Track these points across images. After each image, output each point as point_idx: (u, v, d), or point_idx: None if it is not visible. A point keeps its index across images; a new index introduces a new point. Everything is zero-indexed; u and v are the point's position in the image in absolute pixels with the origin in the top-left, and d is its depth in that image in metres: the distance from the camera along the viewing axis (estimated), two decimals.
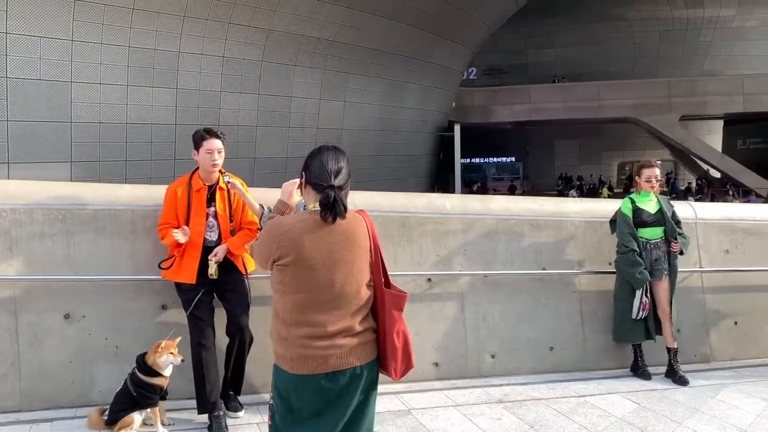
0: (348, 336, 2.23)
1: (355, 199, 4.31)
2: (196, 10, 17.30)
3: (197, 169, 3.78)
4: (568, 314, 5.09)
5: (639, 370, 4.91)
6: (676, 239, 4.85)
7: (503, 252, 4.98)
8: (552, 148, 44.39)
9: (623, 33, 42.12)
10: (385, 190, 5.42)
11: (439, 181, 33.21)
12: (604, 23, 41.09)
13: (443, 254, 4.80)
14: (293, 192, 2.68)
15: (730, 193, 32.45)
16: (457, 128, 32.19)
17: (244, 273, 3.79)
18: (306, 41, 20.96)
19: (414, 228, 4.74)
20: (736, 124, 37.53)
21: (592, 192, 38.34)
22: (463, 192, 33.12)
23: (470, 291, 4.84)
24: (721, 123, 39.82)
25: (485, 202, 5.30)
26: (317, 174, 2.28)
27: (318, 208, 2.24)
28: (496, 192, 33.65)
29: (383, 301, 2.33)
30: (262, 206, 3.53)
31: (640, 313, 4.80)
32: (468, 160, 39.25)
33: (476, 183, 39.84)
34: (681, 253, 4.88)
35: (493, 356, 4.83)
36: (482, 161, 42.72)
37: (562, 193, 36.43)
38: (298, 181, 2.52)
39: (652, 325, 4.88)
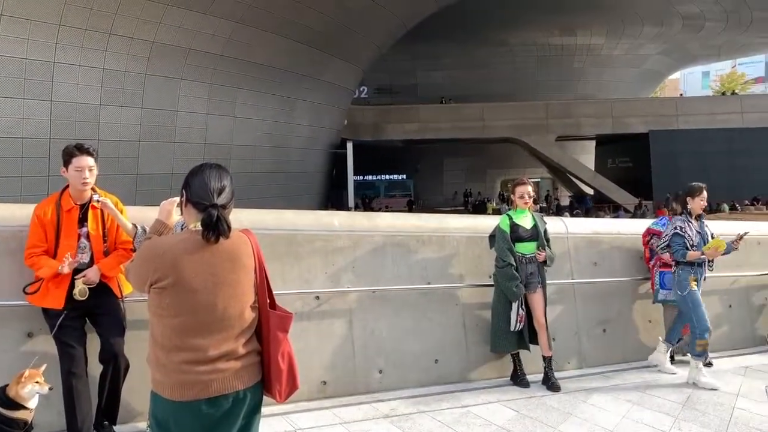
0: (231, 360, 2.17)
1: (241, 217, 4.25)
2: (72, 19, 16.40)
3: (67, 186, 3.58)
4: (451, 327, 5.25)
5: (518, 379, 5.13)
6: (543, 249, 5.11)
7: (390, 267, 5.08)
8: (441, 165, 45.84)
9: (505, 57, 44.41)
10: (278, 208, 5.38)
11: (333, 199, 33.30)
12: (488, 48, 43.10)
13: (332, 271, 4.82)
14: (172, 211, 2.61)
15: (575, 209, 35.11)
16: (349, 145, 32.53)
17: (119, 296, 3.62)
18: (192, 54, 20.44)
19: (302, 245, 4.73)
20: (606, 145, 40.52)
21: (479, 208, 39.84)
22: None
23: (359, 307, 4.89)
24: (593, 143, 42.85)
25: (372, 218, 5.38)
26: (199, 192, 2.22)
27: (199, 227, 2.18)
28: (389, 209, 34.17)
29: (268, 323, 2.29)
30: (135, 226, 3.39)
31: (518, 324, 5.01)
32: (361, 177, 39.65)
33: (371, 199, 40.26)
34: (545, 263, 5.12)
35: (380, 371, 4.89)
36: (375, 178, 43.31)
37: (468, 209, 37.65)
38: (177, 199, 2.45)
39: (527, 335, 5.11)
